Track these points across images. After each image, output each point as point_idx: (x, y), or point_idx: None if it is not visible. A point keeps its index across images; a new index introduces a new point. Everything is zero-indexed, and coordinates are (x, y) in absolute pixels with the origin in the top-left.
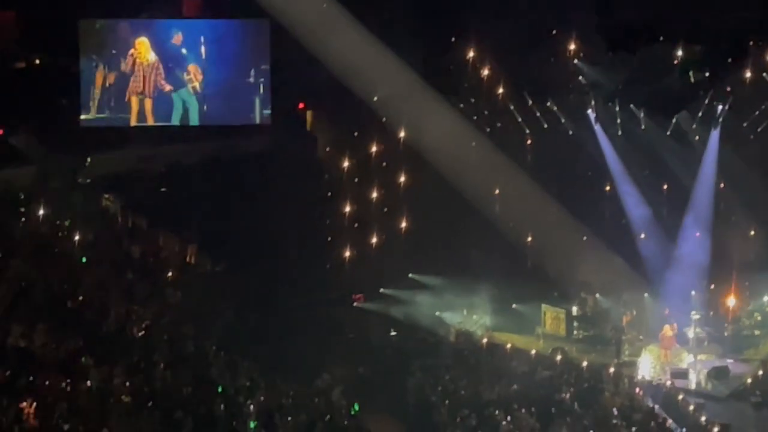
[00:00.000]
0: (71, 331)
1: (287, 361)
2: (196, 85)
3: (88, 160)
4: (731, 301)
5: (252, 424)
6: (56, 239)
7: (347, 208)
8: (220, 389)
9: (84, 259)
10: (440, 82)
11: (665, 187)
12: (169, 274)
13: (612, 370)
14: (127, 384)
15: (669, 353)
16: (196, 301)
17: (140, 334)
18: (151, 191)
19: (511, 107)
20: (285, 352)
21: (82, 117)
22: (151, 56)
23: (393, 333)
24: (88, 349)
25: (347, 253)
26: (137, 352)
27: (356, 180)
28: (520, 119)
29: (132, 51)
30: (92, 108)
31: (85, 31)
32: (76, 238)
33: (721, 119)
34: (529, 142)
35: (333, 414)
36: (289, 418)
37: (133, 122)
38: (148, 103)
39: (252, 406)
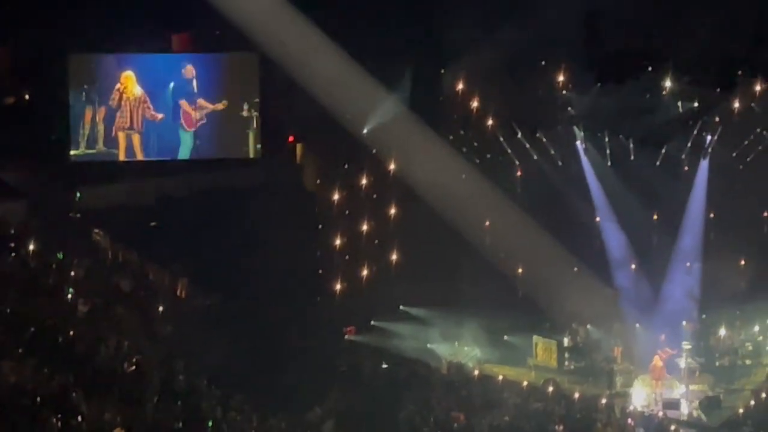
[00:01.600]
0: (62, 366)
1: (278, 395)
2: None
3: (78, 195)
4: (722, 331)
5: None
6: (47, 274)
7: (338, 241)
8: (210, 423)
9: (72, 290)
10: (429, 113)
11: (655, 217)
12: (160, 308)
13: (604, 401)
14: (118, 419)
15: (661, 383)
16: (187, 335)
17: (131, 368)
18: (142, 225)
19: (501, 139)
20: (276, 386)
21: (72, 152)
22: (137, 90)
23: (384, 365)
24: (79, 383)
25: (338, 286)
26: (128, 387)
27: (347, 212)
28: (509, 151)
29: (118, 85)
30: (81, 143)
31: (75, 66)
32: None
33: (710, 149)
34: (518, 173)
35: None
36: None
37: (122, 157)
38: (136, 138)
39: None
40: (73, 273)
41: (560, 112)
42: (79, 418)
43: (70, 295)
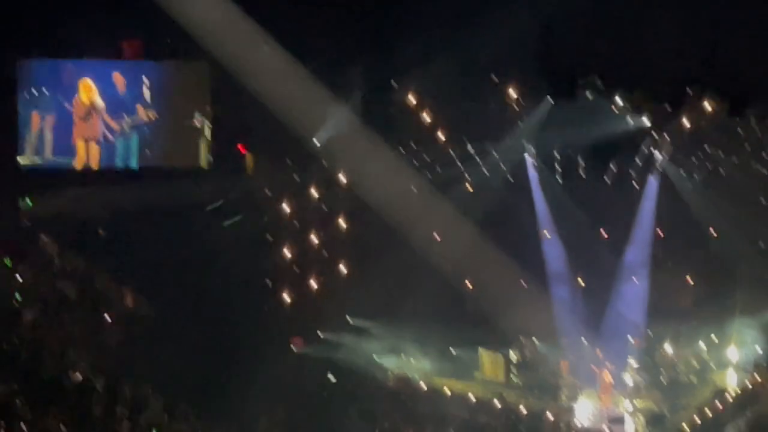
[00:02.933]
0: (6, 375)
1: (224, 405)
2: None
3: (28, 203)
4: (668, 347)
5: None
6: None
7: (287, 252)
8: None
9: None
10: (381, 126)
11: (603, 233)
12: (107, 316)
13: (550, 415)
14: (63, 428)
15: (607, 399)
16: (133, 344)
17: (77, 377)
18: (89, 234)
19: (451, 153)
20: (222, 396)
21: (20, 160)
22: (96, 99)
23: (331, 377)
24: (24, 393)
25: (286, 297)
26: (73, 395)
27: (296, 224)
28: (460, 165)
29: (77, 94)
30: (28, 151)
31: (23, 71)
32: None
33: (659, 167)
34: (469, 187)
35: None
36: None
37: (79, 166)
38: (94, 147)
39: None
40: (19, 280)
41: (511, 128)
42: (23, 426)
43: (15, 302)
